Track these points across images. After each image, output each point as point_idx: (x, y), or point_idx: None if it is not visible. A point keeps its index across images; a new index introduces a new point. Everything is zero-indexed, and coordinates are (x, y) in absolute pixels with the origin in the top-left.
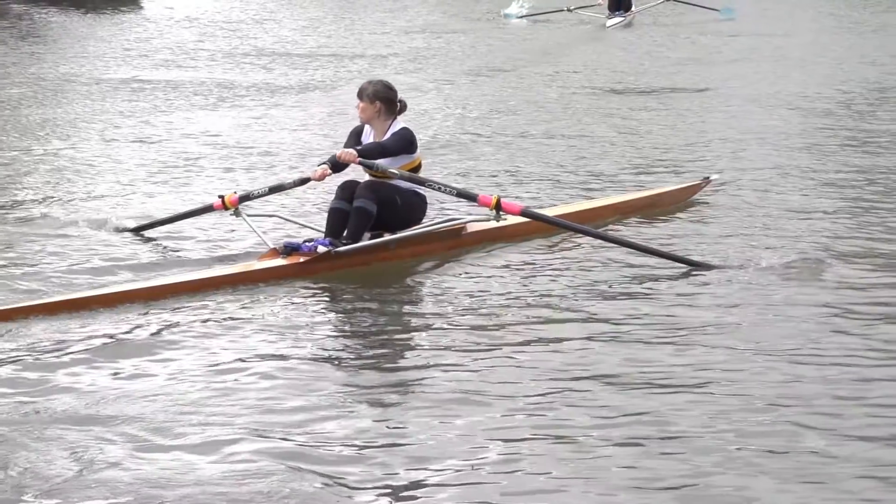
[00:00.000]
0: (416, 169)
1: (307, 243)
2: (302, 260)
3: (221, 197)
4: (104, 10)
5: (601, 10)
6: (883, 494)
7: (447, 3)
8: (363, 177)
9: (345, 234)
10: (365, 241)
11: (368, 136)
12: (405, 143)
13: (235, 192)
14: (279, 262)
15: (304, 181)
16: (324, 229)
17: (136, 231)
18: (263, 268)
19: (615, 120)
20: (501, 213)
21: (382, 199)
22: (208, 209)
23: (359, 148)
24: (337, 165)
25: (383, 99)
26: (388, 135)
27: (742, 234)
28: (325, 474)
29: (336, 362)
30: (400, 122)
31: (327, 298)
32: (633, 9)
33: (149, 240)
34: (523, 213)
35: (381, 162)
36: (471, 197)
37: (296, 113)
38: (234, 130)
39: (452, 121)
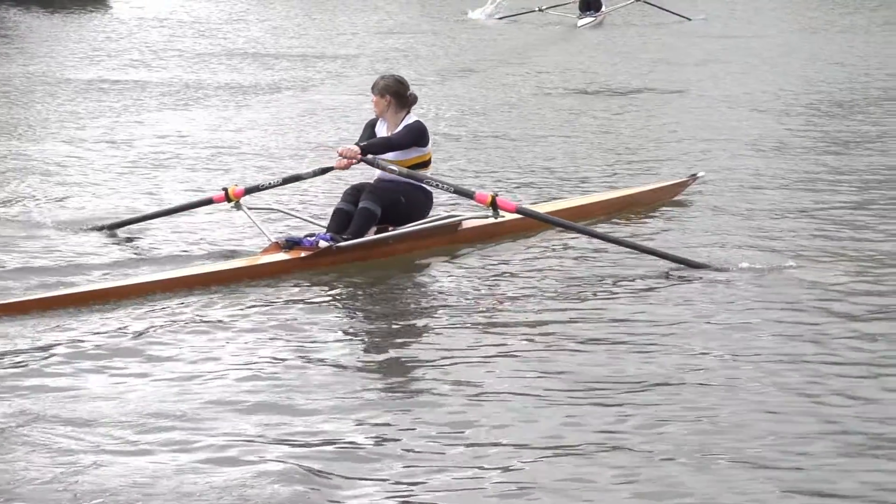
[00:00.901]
0: (427, 163)
1: (308, 238)
2: (303, 255)
3: (225, 189)
4: (71, 9)
5: (572, 9)
6: (859, 493)
7: (418, 3)
8: (374, 173)
9: (347, 231)
10: (364, 237)
11: (382, 129)
12: (415, 136)
13: (237, 185)
14: (282, 256)
15: (325, 170)
16: (322, 224)
17: (124, 225)
18: (266, 262)
19: (588, 120)
20: (498, 210)
21: (387, 202)
22: (207, 202)
23: (363, 144)
24: (364, 148)
25: (393, 93)
26: (401, 127)
27: (720, 233)
28: (315, 473)
29: (333, 361)
30: (413, 116)
31: (328, 295)
32: (603, 9)
33: (140, 237)
34: (518, 211)
35: (382, 160)
36: (468, 194)
37: (266, 113)
38: (205, 131)
39: (428, 122)
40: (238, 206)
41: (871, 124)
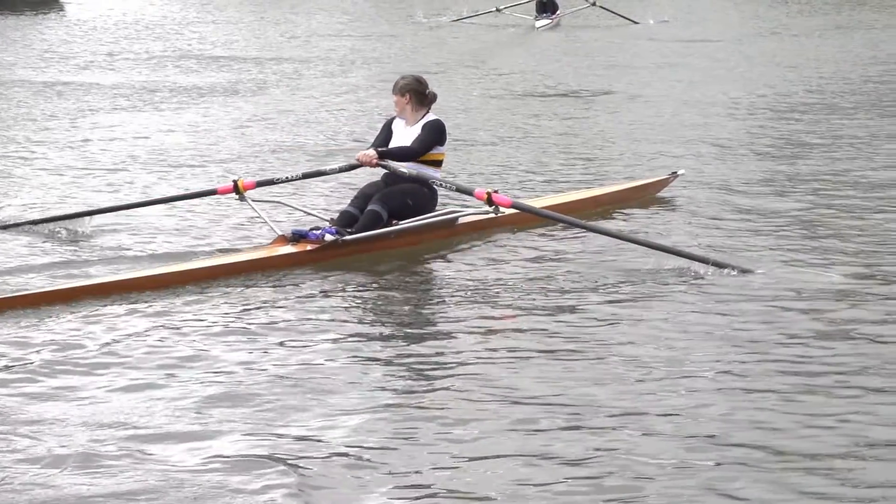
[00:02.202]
0: (440, 161)
1: (314, 231)
2: (309, 248)
3: (235, 181)
4: (23, 11)
5: (530, 10)
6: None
7: (372, 5)
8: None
9: (353, 229)
10: (369, 232)
11: (399, 126)
12: (436, 136)
13: (241, 177)
14: (289, 249)
15: (352, 167)
16: (323, 216)
17: (118, 210)
18: (274, 255)
19: (548, 122)
20: (495, 205)
21: (395, 206)
22: (211, 193)
23: (382, 150)
24: (382, 154)
25: (413, 91)
26: (419, 125)
27: (689, 231)
28: (313, 471)
29: (335, 355)
30: (431, 114)
31: (333, 288)
32: (558, 11)
33: (138, 229)
34: (513, 206)
35: (395, 164)
36: (468, 191)
37: (221, 116)
38: (159, 134)
39: (380, 124)
40: (242, 199)
41: (825, 127)
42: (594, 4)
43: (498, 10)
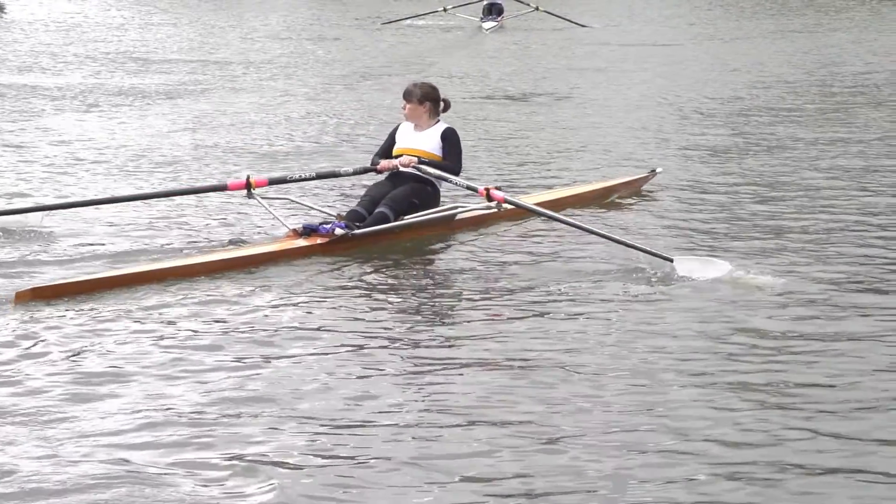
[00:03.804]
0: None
1: (324, 226)
2: (320, 241)
3: (247, 177)
4: None
5: (476, 11)
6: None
7: (321, 7)
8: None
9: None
10: (376, 227)
11: (407, 130)
12: (459, 145)
13: (250, 175)
14: (301, 242)
15: (366, 170)
16: (329, 211)
17: (120, 201)
18: (289, 248)
19: (509, 124)
20: (493, 201)
21: (402, 208)
22: (221, 188)
23: (428, 161)
24: (422, 162)
25: (431, 99)
26: (434, 132)
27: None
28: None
29: (334, 355)
30: (443, 123)
31: (343, 281)
32: (504, 14)
33: (144, 222)
34: (504, 201)
35: (425, 167)
36: (473, 189)
37: (167, 118)
38: (102, 136)
39: (331, 127)
40: (250, 195)
41: (774, 129)
42: (537, 9)
43: (445, 9)
